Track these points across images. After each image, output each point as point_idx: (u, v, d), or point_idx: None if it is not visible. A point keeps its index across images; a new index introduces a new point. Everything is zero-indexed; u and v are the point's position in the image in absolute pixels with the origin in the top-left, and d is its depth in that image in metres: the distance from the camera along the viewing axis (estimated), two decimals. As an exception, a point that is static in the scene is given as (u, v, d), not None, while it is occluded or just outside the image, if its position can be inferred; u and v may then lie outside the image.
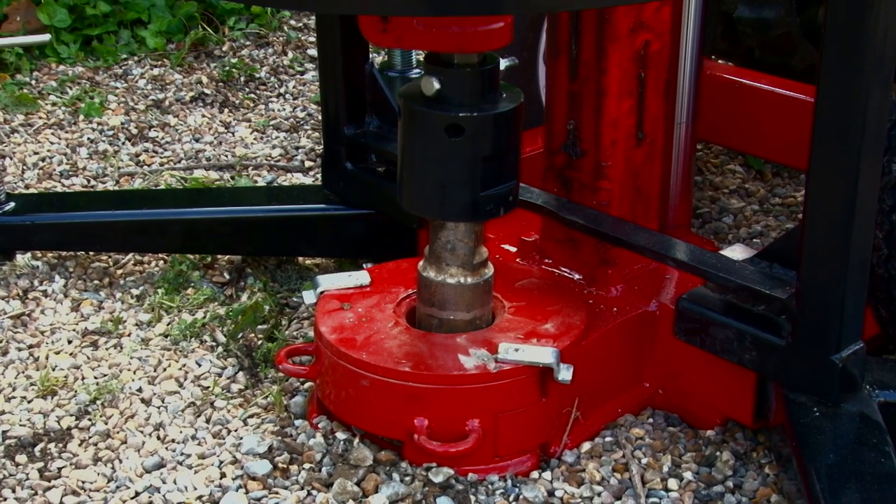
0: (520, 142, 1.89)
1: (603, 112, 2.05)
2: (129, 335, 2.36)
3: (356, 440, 1.97)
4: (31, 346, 2.31)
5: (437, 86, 1.80)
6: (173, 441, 2.05)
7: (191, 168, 3.06)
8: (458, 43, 1.77)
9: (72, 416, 2.11)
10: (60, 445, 2.04)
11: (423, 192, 1.88)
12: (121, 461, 2.01)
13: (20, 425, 2.09)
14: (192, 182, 2.96)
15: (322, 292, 2.09)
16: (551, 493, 1.92)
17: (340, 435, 1.99)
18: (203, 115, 3.37)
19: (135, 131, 3.25)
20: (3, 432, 2.07)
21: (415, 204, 1.90)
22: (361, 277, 2.11)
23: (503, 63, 1.86)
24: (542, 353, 1.89)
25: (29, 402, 2.15)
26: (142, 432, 2.08)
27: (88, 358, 2.28)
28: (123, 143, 3.19)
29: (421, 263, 2.01)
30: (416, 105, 1.83)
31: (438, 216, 1.92)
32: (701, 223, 2.76)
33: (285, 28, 3.90)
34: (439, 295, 1.97)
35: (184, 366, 2.26)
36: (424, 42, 1.78)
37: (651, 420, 2.09)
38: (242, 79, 3.56)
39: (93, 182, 2.99)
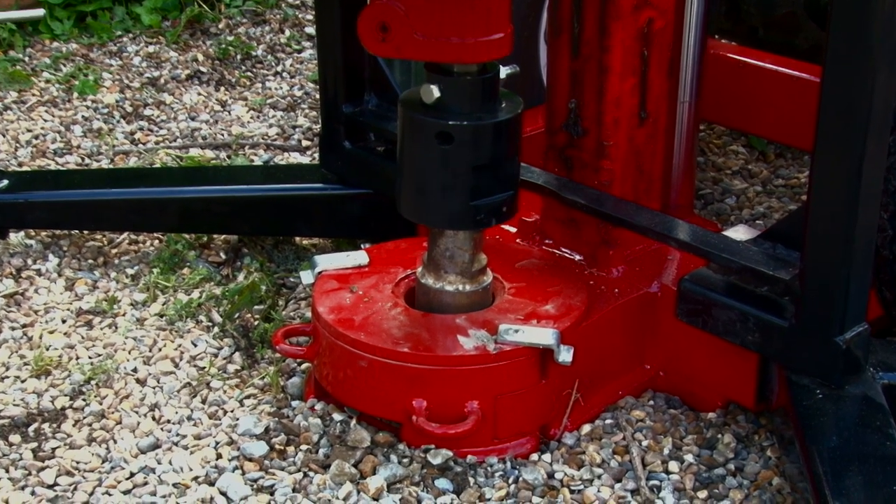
0: (518, 152, 1.90)
1: (605, 91, 2.05)
2: (123, 315, 2.36)
3: (353, 421, 1.98)
4: (24, 326, 2.31)
5: (436, 94, 1.82)
6: (168, 422, 2.05)
7: (186, 147, 3.05)
8: (457, 53, 1.79)
9: (66, 396, 2.11)
10: (54, 426, 2.05)
11: (417, 198, 1.91)
12: (115, 442, 2.01)
13: (14, 405, 2.09)
14: (187, 161, 2.96)
15: (320, 272, 2.09)
16: (551, 476, 1.93)
17: (338, 416, 1.99)
18: (199, 94, 3.36)
19: (130, 109, 3.24)
20: (-3, 412, 2.07)
21: (408, 209, 1.92)
22: (359, 258, 2.11)
23: (504, 72, 1.88)
24: (543, 335, 1.90)
25: (23, 381, 2.15)
26: (137, 413, 2.08)
27: (83, 338, 2.29)
28: (118, 122, 3.18)
29: (419, 270, 2.03)
30: (410, 112, 1.86)
31: (429, 223, 1.95)
32: (703, 204, 2.76)
33: (282, 5, 3.89)
34: (437, 302, 1.98)
35: (179, 346, 2.26)
36: (424, 52, 1.80)
37: (652, 402, 2.09)
38: (239, 57, 3.55)
39: (87, 160, 2.99)
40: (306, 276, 2.11)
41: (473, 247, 1.97)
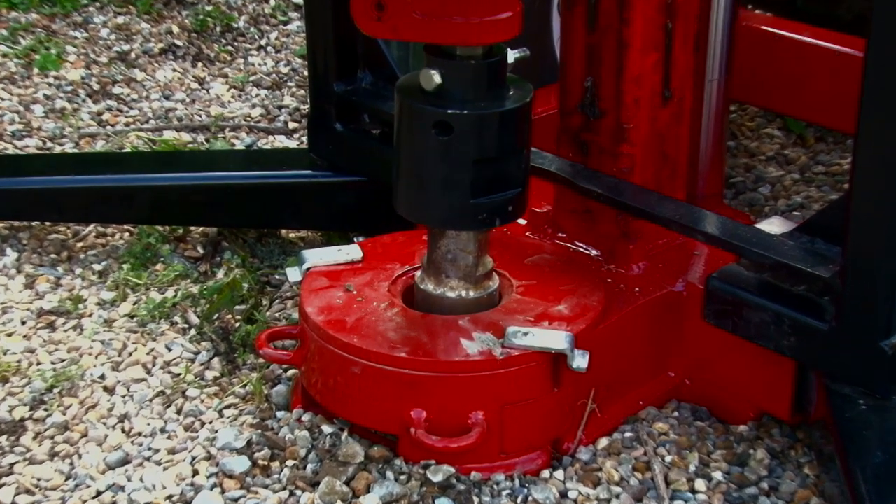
0: (527, 145, 1.91)
1: (625, 67, 2.05)
2: (90, 316, 2.36)
3: (345, 434, 1.99)
4: (-20, 328, 2.33)
5: (437, 80, 1.82)
6: (140, 434, 2.06)
7: (160, 129, 3.06)
8: (460, 34, 1.79)
9: (25, 405, 2.12)
10: (13, 439, 2.05)
11: (413, 194, 1.91)
12: (80, 457, 2.02)
13: (-32, 416, 2.10)
14: (161, 145, 2.97)
15: (308, 269, 2.09)
16: (564, 495, 1.93)
17: (327, 428, 2.00)
18: (174, 70, 3.37)
19: (97, 87, 3.25)
20: (-50, 423, 2.08)
21: (404, 206, 1.93)
22: (352, 252, 2.12)
23: (512, 55, 1.88)
24: (555, 338, 1.90)
25: (-22, 389, 2.16)
26: (104, 424, 2.09)
27: (44, 341, 2.29)
28: (84, 101, 3.19)
29: (418, 274, 2.03)
30: (407, 98, 1.86)
31: (426, 222, 1.96)
32: (734, 193, 2.77)
33: (267, -28, 3.90)
34: (438, 309, 1.98)
35: (152, 350, 2.27)
36: (423, 33, 1.81)
37: (676, 413, 2.10)
38: (218, 29, 3.56)
39: (49, 144, 2.99)
40: (293, 273, 2.11)
41: (478, 248, 1.98)
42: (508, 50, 1.88)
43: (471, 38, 1.81)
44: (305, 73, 3.28)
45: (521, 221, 2.23)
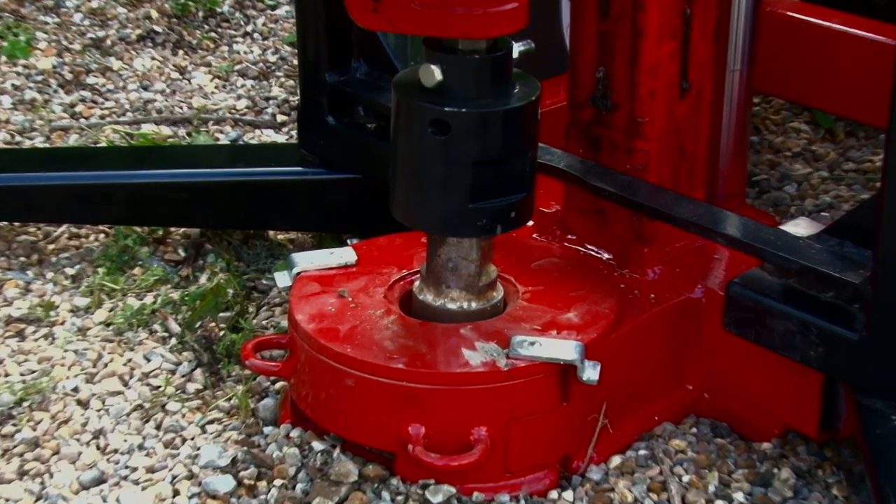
0: (533, 146, 1.91)
1: (639, 57, 2.06)
2: (62, 323, 2.37)
3: (337, 451, 1.99)
4: (-56, 336, 2.33)
5: (438, 76, 1.83)
6: (116, 451, 2.07)
7: (138, 122, 3.07)
8: (462, 27, 1.80)
9: (-6, 420, 2.13)
10: (-20, 456, 2.06)
11: (408, 196, 1.93)
12: (52, 475, 2.02)
13: (-69, 431, 2.11)
14: (139, 139, 2.98)
15: (298, 273, 2.10)
16: (573, 517, 1.94)
17: (318, 445, 2.01)
18: (153, 58, 3.38)
19: (69, 77, 3.26)
20: (-89, 439, 2.09)
21: (399, 210, 1.94)
22: (346, 255, 2.13)
23: (517, 48, 1.89)
24: (564, 348, 1.91)
25: (-58, 403, 2.17)
26: (78, 441, 2.09)
27: (13, 350, 2.30)
28: (55, 91, 3.20)
29: (416, 284, 2.04)
30: (403, 95, 1.87)
31: (422, 227, 1.97)
32: (758, 192, 2.77)
33: (253, -48, 3.91)
34: (437, 322, 1.99)
35: (129, 361, 2.27)
36: (422, 25, 1.81)
37: (695, 430, 2.11)
38: (201, 14, 3.57)
39: (18, 138, 3.00)
40: (282, 278, 2.12)
41: (481, 257, 1.99)
42: (513, 43, 1.89)
43: (474, 31, 1.81)
44: (295, 61, 3.30)
45: (528, 223, 2.24)
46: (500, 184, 1.89)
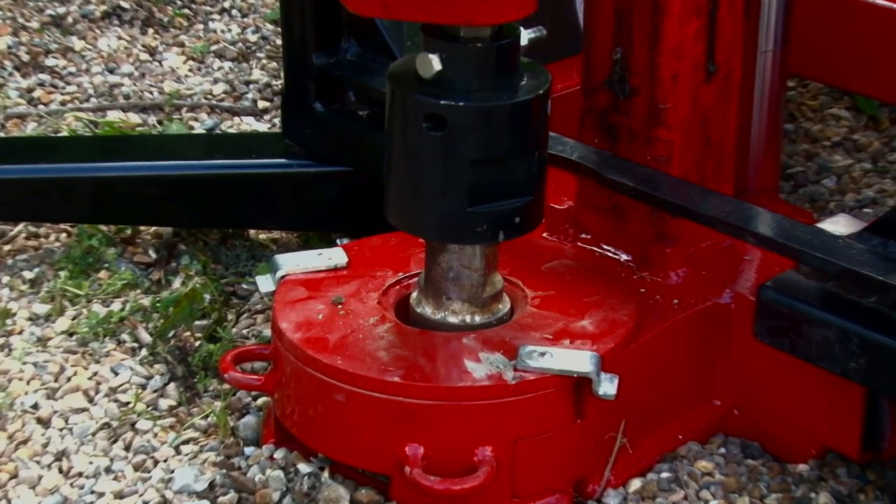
0: (541, 145, 1.92)
1: (661, 36, 2.07)
2: (20, 333, 2.38)
3: (326, 474, 2.00)
4: None
5: (437, 66, 1.84)
6: (80, 475, 2.08)
7: (103, 109, 3.07)
8: (465, 12, 1.80)
9: (-55, 440, 2.14)
10: (-70, 480, 2.07)
11: (401, 198, 1.94)
12: (10, 501, 2.03)
13: None
14: (104, 128, 2.98)
15: (282, 277, 2.11)
16: (588, 547, 1.96)
17: (305, 467, 2.02)
18: (119, 38, 3.38)
19: (26, 58, 3.26)
20: None
21: (393, 213, 1.95)
22: (336, 257, 2.14)
23: (526, 36, 1.90)
24: (577, 359, 1.92)
25: None
26: (38, 463, 2.10)
27: (-34, 363, 2.31)
28: (11, 75, 3.20)
29: (414, 295, 2.05)
30: (397, 86, 1.88)
31: (416, 231, 1.97)
32: (793, 187, 2.78)
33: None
34: None
35: (95, 374, 2.28)
36: (420, 10, 1.81)
37: (723, 450, 2.11)
38: (173, -12, 3.57)
39: (-30, 127, 3.01)
40: (264, 282, 2.13)
41: (485, 265, 2.00)
42: (522, 29, 1.90)
43: (478, 17, 1.82)
44: (278, 41, 3.30)
45: (535, 229, 2.24)
46: (503, 186, 1.90)
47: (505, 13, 1.83)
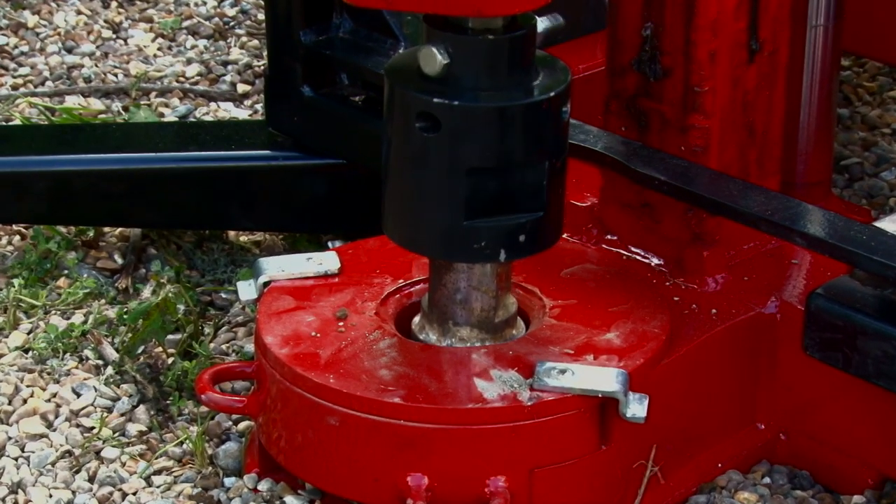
0: (554, 152, 1.92)
1: (697, 9, 2.08)
2: (-31, 349, 2.40)
3: (318, 509, 2.03)
4: None
5: (442, 60, 1.85)
6: (39, 510, 2.10)
7: (60, 93, 3.08)
8: (474, 3, 1.80)
9: None
10: None
11: (395, 207, 1.96)
12: (-41, 540, 2.06)
13: None
14: (62, 115, 2.99)
15: (265, 283, 2.13)
16: (615, 590, 1.97)
17: (293, 500, 2.03)
18: (78, 12, 3.38)
19: (-27, 36, 3.28)
20: None
21: (388, 224, 1.97)
22: (327, 261, 2.15)
23: (542, 25, 1.91)
24: (602, 377, 1.93)
25: None
26: (-9, 496, 2.13)
27: None
28: (-44, 55, 3.22)
29: (416, 320, 2.07)
30: (392, 80, 1.89)
31: (410, 245, 1.99)
32: (847, 180, 2.79)
33: None
34: None
35: (54, 395, 2.29)
36: (422, 0, 1.83)
37: (767, 479, 2.13)
38: (139, -45, 3.58)
39: None
40: (245, 289, 2.14)
41: (497, 286, 2.01)
42: (537, 19, 1.91)
43: (489, 7, 1.83)
44: (261, 15, 3.31)
45: (546, 249, 2.23)
46: (505, 198, 1.91)
47: (520, 2, 1.83)
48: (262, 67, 3.10)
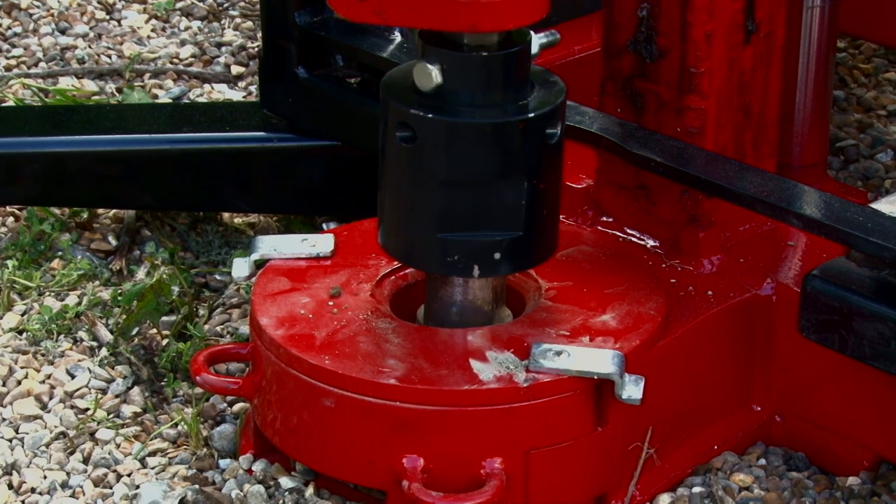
0: (535, 173, 1.91)
1: (693, -10, 2.09)
2: (-37, 331, 2.40)
3: (311, 489, 2.02)
4: None
5: (437, 79, 1.86)
6: (33, 490, 2.09)
7: (54, 75, 3.08)
8: (469, 16, 1.81)
9: None
10: None
11: (381, 213, 1.97)
12: (-47, 521, 2.06)
13: None
14: (56, 97, 2.99)
15: (258, 261, 2.13)
16: (611, 572, 1.98)
17: (288, 482, 2.03)
18: (72, -7, 3.39)
19: (-34, 17, 3.28)
20: None
21: (382, 234, 1.99)
22: (322, 243, 2.15)
23: (537, 41, 1.91)
24: (598, 359, 1.93)
25: None
26: (-15, 478, 2.13)
27: None
28: (-52, 36, 3.22)
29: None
30: (384, 92, 1.91)
31: (393, 253, 2.00)
32: (843, 162, 2.79)
33: None
34: None
35: (48, 377, 2.30)
36: (419, 16, 1.83)
37: (763, 461, 2.13)
38: (132, -64, 3.58)
39: None
40: (240, 268, 2.14)
41: (493, 299, 2.02)
42: (533, 34, 1.91)
43: (484, 22, 1.83)
44: (254, -3, 3.32)
45: (526, 270, 2.20)
46: (478, 215, 1.91)
47: (515, 17, 1.83)
48: (257, 49, 3.11)
